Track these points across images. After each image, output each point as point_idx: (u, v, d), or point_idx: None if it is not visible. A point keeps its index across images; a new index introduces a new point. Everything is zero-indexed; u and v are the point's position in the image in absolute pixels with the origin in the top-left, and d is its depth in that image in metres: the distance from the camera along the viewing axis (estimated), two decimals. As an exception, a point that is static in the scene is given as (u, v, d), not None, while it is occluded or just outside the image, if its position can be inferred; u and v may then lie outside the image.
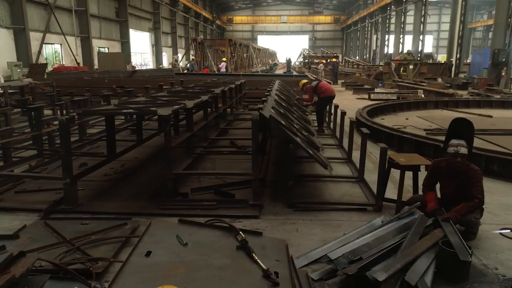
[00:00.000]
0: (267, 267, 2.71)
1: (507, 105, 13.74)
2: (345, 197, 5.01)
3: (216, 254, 2.88)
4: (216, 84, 9.77)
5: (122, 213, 4.42)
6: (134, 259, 2.58)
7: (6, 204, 4.62)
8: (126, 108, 4.64)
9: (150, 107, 4.69)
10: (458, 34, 27.06)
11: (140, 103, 5.39)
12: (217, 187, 5.05)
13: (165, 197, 4.71)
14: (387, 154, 4.41)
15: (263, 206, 4.60)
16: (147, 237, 2.90)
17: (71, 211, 4.46)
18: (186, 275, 2.53)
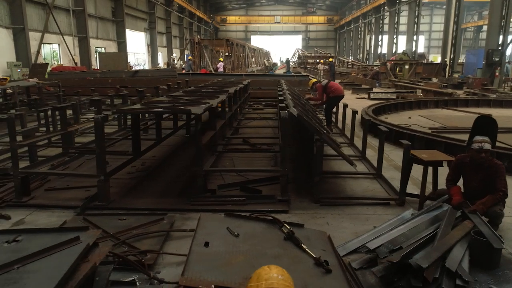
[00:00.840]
0: (316, 256, 2.89)
1: (505, 104, 14.09)
2: (367, 193, 5.21)
3: (267, 244, 3.05)
4: (225, 84, 9.91)
5: (155, 209, 4.56)
6: (196, 249, 2.73)
7: (41, 202, 4.73)
8: (156, 107, 4.77)
9: (179, 106, 4.82)
10: (452, 35, 27.50)
11: (165, 103, 5.53)
12: (243, 184, 5.20)
13: (194, 194, 4.86)
14: (410, 151, 4.61)
15: (290, 201, 4.77)
16: (201, 229, 3.05)
17: (105, 208, 4.58)
18: (246, 263, 2.69)
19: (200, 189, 4.81)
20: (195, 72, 20.53)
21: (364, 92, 18.27)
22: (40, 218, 4.37)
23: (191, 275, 2.39)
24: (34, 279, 2.15)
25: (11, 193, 4.95)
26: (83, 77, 16.06)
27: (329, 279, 2.69)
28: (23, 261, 2.29)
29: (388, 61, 26.98)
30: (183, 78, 14.80)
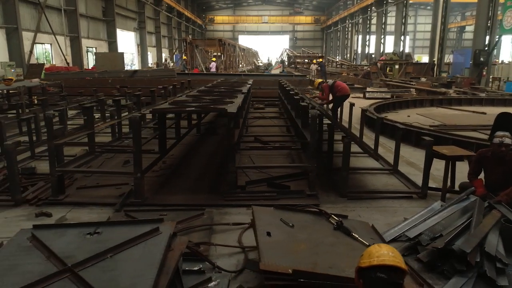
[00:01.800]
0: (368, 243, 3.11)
1: (496, 102, 14.62)
2: (387, 187, 5.46)
3: (320, 234, 3.25)
4: (232, 84, 10.07)
5: (191, 204, 4.71)
6: (262, 239, 2.91)
7: (77, 199, 4.83)
8: (186, 106, 4.92)
9: (209, 105, 4.99)
10: (439, 35, 28.23)
11: (189, 102, 5.67)
12: (269, 180, 5.40)
13: (225, 189, 5.03)
14: (432, 147, 4.87)
15: (318, 196, 4.99)
16: (258, 221, 3.23)
17: (141, 204, 4.71)
18: (309, 251, 2.89)
19: (231, 185, 4.98)
20: (194, 72, 20.59)
21: (359, 91, 18.62)
22: (81, 215, 4.48)
23: (267, 261, 2.58)
24: (130, 266, 2.31)
25: (43, 192, 5.05)
26: (81, 77, 15.98)
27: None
28: (114, 250, 2.44)
29: (378, 61, 27.46)
30: (184, 78, 14.87)
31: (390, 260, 1.74)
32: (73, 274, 2.22)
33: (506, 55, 47.17)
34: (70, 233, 2.71)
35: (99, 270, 2.27)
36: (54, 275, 2.21)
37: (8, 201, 4.75)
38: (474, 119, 11.19)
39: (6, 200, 4.76)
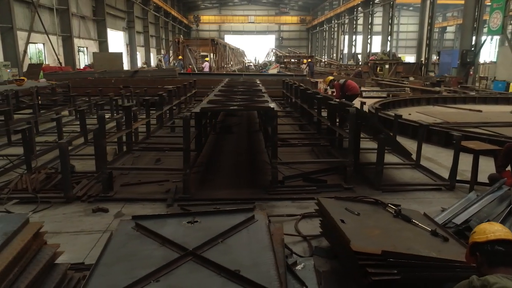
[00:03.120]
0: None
1: (488, 101, 15.24)
2: (415, 180, 5.81)
3: (383, 221, 3.54)
4: (242, 83, 10.30)
5: (238, 199, 4.93)
6: (342, 225, 3.16)
7: (126, 195, 5.01)
8: (228, 105, 5.15)
9: (249, 103, 5.23)
10: (426, 36, 29.05)
11: (222, 101, 5.90)
12: (305, 175, 5.67)
13: (264, 184, 5.29)
14: (460, 142, 5.23)
15: (354, 189, 5.29)
16: (330, 210, 3.49)
17: (190, 199, 4.91)
18: (383, 235, 3.17)
19: (273, 180, 5.23)
20: (196, 72, 20.68)
21: (354, 90, 19.05)
22: (136, 210, 4.65)
23: (356, 244, 2.84)
24: (244, 249, 2.55)
25: (90, 189, 5.19)
26: (81, 77, 15.91)
27: (450, 246, 3.21)
28: (222, 236, 2.67)
29: (369, 61, 28.08)
30: (187, 78, 15.01)
31: (506, 234, 2.02)
32: (196, 257, 2.44)
33: (485, 55, 48.61)
34: (170, 222, 2.92)
35: (217, 253, 2.49)
36: (179, 258, 2.42)
37: (60, 198, 4.89)
38: (472, 116, 11.70)
39: (58, 197, 4.90)
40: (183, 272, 2.34)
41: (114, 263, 2.45)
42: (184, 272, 2.34)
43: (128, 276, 2.30)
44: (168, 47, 51.43)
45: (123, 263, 2.45)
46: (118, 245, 2.65)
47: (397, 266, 2.75)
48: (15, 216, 2.52)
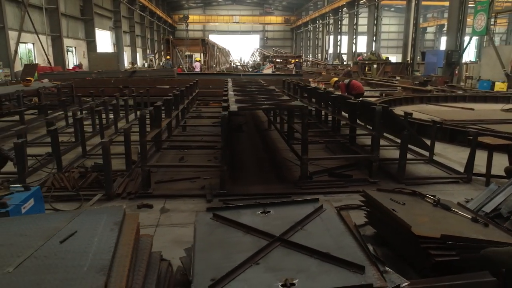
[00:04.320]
0: (467, 216, 3.73)
1: (478, 99, 15.89)
2: (432, 174, 6.16)
3: (426, 210, 3.83)
4: (250, 83, 10.51)
5: (272, 193, 5.16)
6: (398, 213, 3.45)
7: (165, 192, 5.19)
8: (259, 104, 5.38)
9: (281, 103, 5.47)
10: (412, 36, 29.84)
11: (247, 101, 6.12)
12: (330, 170, 5.94)
13: (295, 180, 5.54)
14: (477, 137, 5.60)
15: (379, 183, 5.59)
16: (381, 200, 3.76)
17: (227, 194, 5.12)
18: (432, 222, 3.46)
19: (302, 175, 5.49)
20: (194, 72, 20.73)
21: (347, 90, 19.49)
22: (178, 205, 4.84)
23: (416, 229, 3.12)
24: (325, 235, 2.79)
25: (126, 187, 5.33)
26: (78, 77, 15.79)
27: (491, 230, 3.52)
28: (300, 224, 2.91)
29: (360, 61, 28.67)
30: (185, 78, 15.11)
31: None
32: (284, 242, 2.67)
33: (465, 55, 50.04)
34: (244, 213, 3.14)
35: (301, 238, 2.73)
36: (270, 244, 2.65)
37: (102, 195, 5.03)
38: (467, 114, 12.23)
39: (99, 194, 5.03)
40: (277, 255, 2.57)
41: (209, 250, 2.66)
42: (278, 255, 2.56)
43: (228, 261, 2.51)
44: (153, 46, 51.17)
45: (217, 249, 2.66)
46: (206, 234, 2.86)
47: (454, 248, 3.04)
48: (112, 208, 2.69)
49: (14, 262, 2.00)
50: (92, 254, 2.08)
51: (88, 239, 2.26)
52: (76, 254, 2.09)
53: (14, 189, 3.59)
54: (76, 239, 2.27)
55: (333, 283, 2.27)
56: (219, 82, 15.43)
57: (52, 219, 2.54)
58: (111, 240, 2.25)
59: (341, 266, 2.41)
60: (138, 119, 5.04)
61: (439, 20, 61.75)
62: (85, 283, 1.81)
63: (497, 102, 15.62)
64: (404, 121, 5.50)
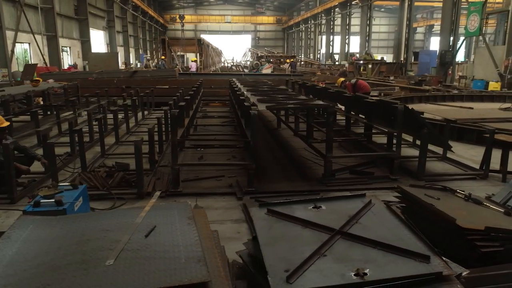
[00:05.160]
0: (499, 210, 3.90)
1: (475, 98, 16.24)
2: (448, 171, 6.34)
3: (459, 204, 3.99)
4: (258, 83, 10.62)
5: (299, 190, 5.30)
6: (438, 207, 3.60)
7: (194, 190, 5.29)
8: (286, 103, 5.51)
9: (305, 102, 5.60)
10: (405, 37, 30.28)
11: (270, 101, 6.23)
12: (351, 168, 6.09)
13: (319, 177, 5.68)
14: (494, 135, 5.80)
15: (400, 180, 5.75)
16: (418, 195, 3.90)
17: (256, 192, 5.22)
18: (469, 215, 3.62)
19: (327, 173, 5.62)
20: (196, 73, 20.73)
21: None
22: (210, 203, 4.92)
23: (461, 221, 3.27)
24: (381, 226, 2.91)
25: (154, 185, 5.41)
26: (79, 77, 15.71)
27: (524, 223, 3.70)
28: (355, 218, 3.03)
29: (353, 61, 28.98)
30: (187, 78, 15.15)
31: None
32: (345, 234, 2.79)
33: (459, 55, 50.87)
34: (297, 208, 3.25)
35: (360, 231, 2.85)
36: (332, 237, 2.76)
37: (131, 194, 5.09)
38: (467, 113, 12.49)
39: (129, 193, 5.09)
40: (341, 247, 2.69)
41: (272, 244, 2.76)
42: (342, 247, 2.68)
43: (294, 253, 2.63)
44: (146, 46, 50.94)
45: (281, 242, 2.77)
46: (265, 229, 2.96)
47: (498, 239, 3.20)
48: (180, 204, 2.78)
49: (110, 255, 2.08)
50: (183, 246, 2.17)
51: (170, 232, 2.36)
52: (167, 247, 2.18)
53: (63, 187, 3.64)
54: (159, 233, 2.36)
55: (403, 272, 2.39)
56: (220, 82, 15.52)
57: (125, 215, 2.63)
58: (193, 233, 2.34)
59: (406, 257, 2.53)
60: (169, 118, 5.12)
61: (429, 20, 62.63)
62: (189, 272, 1.91)
63: (494, 101, 15.99)
64: (424, 119, 5.66)
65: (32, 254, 2.14)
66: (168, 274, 1.89)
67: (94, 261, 2.04)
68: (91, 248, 2.18)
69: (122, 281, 1.84)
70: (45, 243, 2.27)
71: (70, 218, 2.63)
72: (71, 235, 2.37)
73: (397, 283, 2.34)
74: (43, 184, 5.51)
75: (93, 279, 1.88)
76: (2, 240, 2.25)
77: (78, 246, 2.21)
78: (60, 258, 2.08)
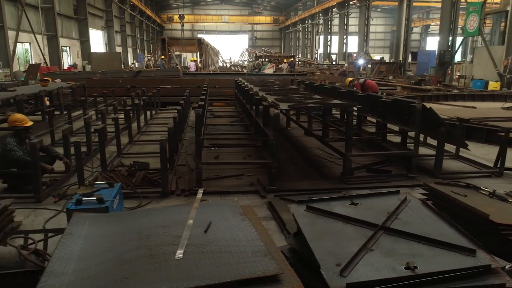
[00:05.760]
0: (524, 206, 4.00)
1: (476, 98, 16.41)
2: (462, 169, 6.45)
3: (486, 201, 4.08)
4: (268, 83, 10.68)
5: (320, 188, 5.37)
6: (469, 204, 3.68)
7: (217, 189, 5.34)
8: (306, 103, 5.59)
9: (325, 101, 5.68)
10: (403, 37, 30.51)
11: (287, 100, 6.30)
12: (368, 166, 6.17)
13: (338, 176, 5.75)
14: (509, 133, 5.91)
15: (417, 178, 5.84)
16: (444, 191, 3.99)
17: (278, 190, 5.29)
18: (499, 211, 3.70)
19: (346, 171, 5.69)
20: (201, 72, 20.75)
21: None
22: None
23: (495, 217, 3.36)
24: (422, 221, 2.99)
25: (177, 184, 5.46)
26: (83, 77, 15.70)
27: (551, 219, 3.79)
28: (394, 213, 3.10)
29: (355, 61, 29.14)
30: (192, 78, 15.19)
31: None
32: (388, 230, 2.86)
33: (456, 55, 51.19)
34: (335, 205, 3.31)
35: (402, 226, 2.92)
36: (375, 232, 2.83)
37: (155, 192, 5.14)
38: (471, 112, 12.61)
39: (154, 192, 5.14)
40: (386, 242, 2.76)
41: (318, 239, 2.82)
42: (387, 242, 2.75)
43: (341, 248, 2.69)
44: (143, 46, 50.84)
45: (325, 238, 2.84)
46: (308, 225, 3.02)
47: (530, 234, 3.29)
48: (227, 200, 2.85)
49: (177, 250, 2.14)
50: (245, 241, 2.23)
51: (227, 228, 2.42)
52: (229, 241, 2.24)
53: (99, 185, 3.69)
54: (216, 228, 2.42)
55: (452, 265, 2.47)
56: (224, 82, 15.57)
57: (177, 212, 2.68)
58: (250, 229, 2.40)
59: (451, 250, 2.61)
60: (195, 117, 5.17)
61: (425, 20, 63.00)
62: (260, 265, 1.97)
63: (495, 100, 16.17)
64: (442, 118, 5.76)
65: (98, 250, 2.19)
66: (240, 267, 1.95)
67: (162, 255, 2.10)
68: (155, 244, 2.23)
69: (197, 274, 1.90)
70: (107, 239, 2.32)
71: (123, 215, 2.69)
72: (130, 231, 2.42)
73: (447, 276, 2.42)
74: (64, 183, 5.55)
75: (168, 271, 1.93)
76: (66, 237, 2.30)
77: (141, 241, 2.27)
78: (127, 253, 2.13)
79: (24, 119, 5.27)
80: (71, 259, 2.08)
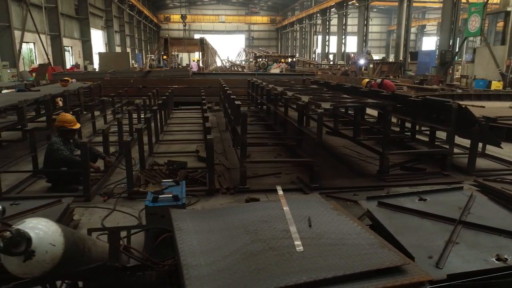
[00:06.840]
0: None
1: (482, 97, 16.63)
2: (492, 167, 6.59)
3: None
4: (283, 83, 10.77)
5: (359, 186, 5.47)
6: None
7: (261, 187, 5.40)
8: (344, 102, 5.70)
9: (362, 100, 5.79)
10: (403, 37, 30.77)
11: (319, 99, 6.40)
12: (402, 164, 6.29)
13: (371, 174, 5.87)
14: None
15: (452, 175, 5.97)
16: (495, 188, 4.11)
17: (320, 188, 5.37)
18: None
19: (383, 169, 5.80)
20: (210, 72, 20.74)
21: (352, 89, 20.01)
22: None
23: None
24: (495, 216, 3.10)
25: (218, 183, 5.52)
26: (93, 77, 15.66)
27: None
28: (466, 209, 3.21)
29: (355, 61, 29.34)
30: (202, 78, 15.22)
31: None
32: (466, 224, 2.97)
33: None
34: (404, 200, 3.43)
35: (477, 220, 3.03)
36: (456, 226, 2.94)
37: (201, 191, 5.21)
38: (480, 111, 12.77)
39: (200, 190, 5.21)
40: (468, 235, 2.87)
41: (401, 233, 2.91)
42: (469, 235, 2.86)
43: (426, 240, 2.80)
44: (141, 46, 50.68)
45: (408, 232, 2.93)
46: (386, 219, 3.12)
47: None
48: (312, 196, 2.93)
49: (294, 243, 2.22)
50: (354, 234, 2.32)
51: (328, 222, 2.51)
52: (338, 235, 2.33)
53: (166, 183, 3.75)
54: (317, 223, 2.50)
55: (539, 256, 2.58)
56: (235, 82, 15.61)
57: (270, 208, 2.77)
58: (350, 222, 2.49)
59: (534, 243, 2.73)
60: (240, 117, 5.24)
61: (421, 21, 63.48)
62: (383, 256, 2.06)
63: (500, 100, 16.39)
64: (476, 117, 5.89)
65: (216, 244, 2.26)
66: (365, 258, 2.04)
67: (282, 248, 2.18)
68: (267, 237, 2.31)
69: (329, 264, 1.98)
70: (217, 234, 2.40)
71: (219, 211, 2.76)
72: (234, 226, 2.50)
73: (538, 266, 2.54)
74: (106, 182, 5.59)
75: (298, 263, 2.01)
76: (179, 232, 2.36)
77: (251, 236, 2.34)
78: (247, 246, 2.21)
79: (73, 121, 5.29)
80: (195, 252, 2.15)
